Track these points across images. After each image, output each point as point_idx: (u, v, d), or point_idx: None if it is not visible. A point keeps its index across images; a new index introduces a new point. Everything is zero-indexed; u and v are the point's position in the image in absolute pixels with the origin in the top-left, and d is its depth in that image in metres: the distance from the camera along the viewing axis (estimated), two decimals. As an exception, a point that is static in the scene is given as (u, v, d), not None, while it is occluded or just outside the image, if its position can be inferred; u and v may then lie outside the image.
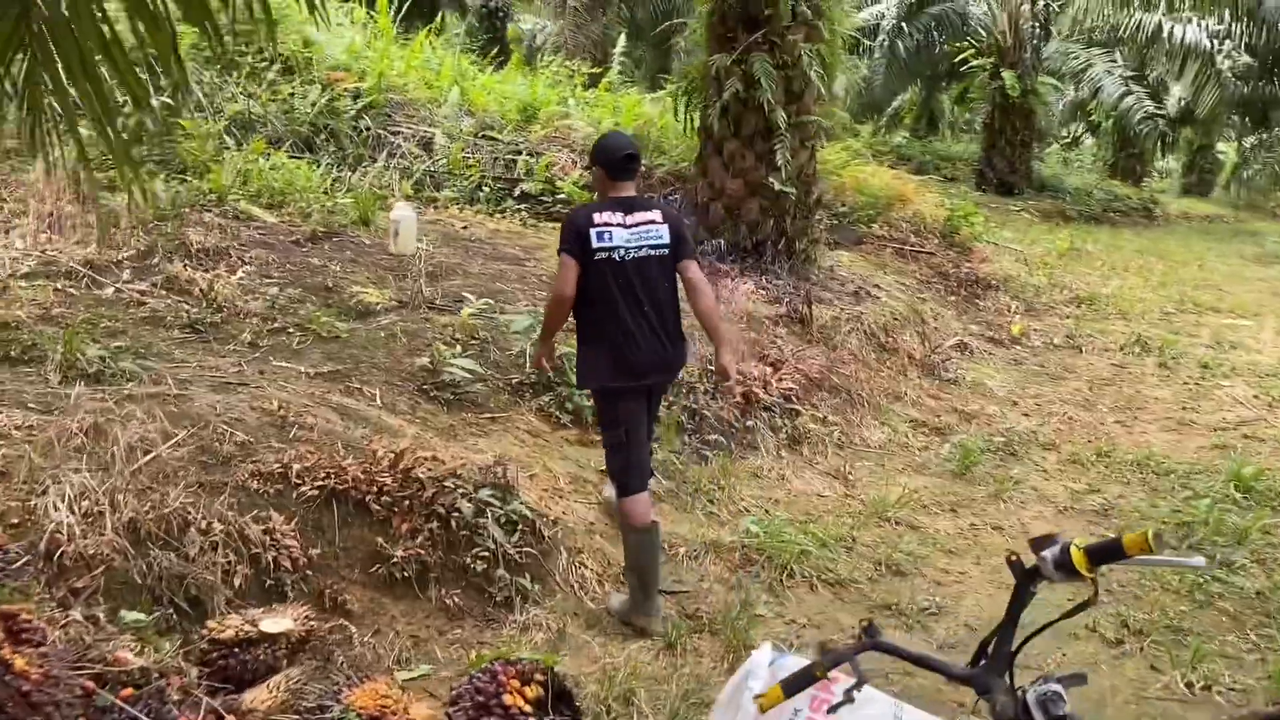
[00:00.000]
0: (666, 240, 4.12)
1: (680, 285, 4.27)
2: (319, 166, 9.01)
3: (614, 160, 4.15)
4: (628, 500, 4.10)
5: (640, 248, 4.06)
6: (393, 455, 4.17)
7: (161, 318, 5.29)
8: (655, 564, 4.09)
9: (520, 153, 10.41)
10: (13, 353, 4.56)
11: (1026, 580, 1.84)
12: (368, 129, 9.91)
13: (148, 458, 3.80)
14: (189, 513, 3.57)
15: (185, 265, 5.98)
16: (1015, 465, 6.13)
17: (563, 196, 9.95)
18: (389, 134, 10.04)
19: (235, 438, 4.09)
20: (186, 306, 5.44)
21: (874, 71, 19.75)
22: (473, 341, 5.61)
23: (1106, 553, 1.74)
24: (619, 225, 4.05)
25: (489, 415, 5.14)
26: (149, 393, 4.35)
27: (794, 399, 6.15)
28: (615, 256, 4.03)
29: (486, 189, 9.78)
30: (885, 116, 27.43)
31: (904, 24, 18.90)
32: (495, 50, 18.36)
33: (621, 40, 16.04)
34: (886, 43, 19.01)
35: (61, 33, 2.53)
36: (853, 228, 10.87)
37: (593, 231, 4.02)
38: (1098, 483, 5.92)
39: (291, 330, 5.43)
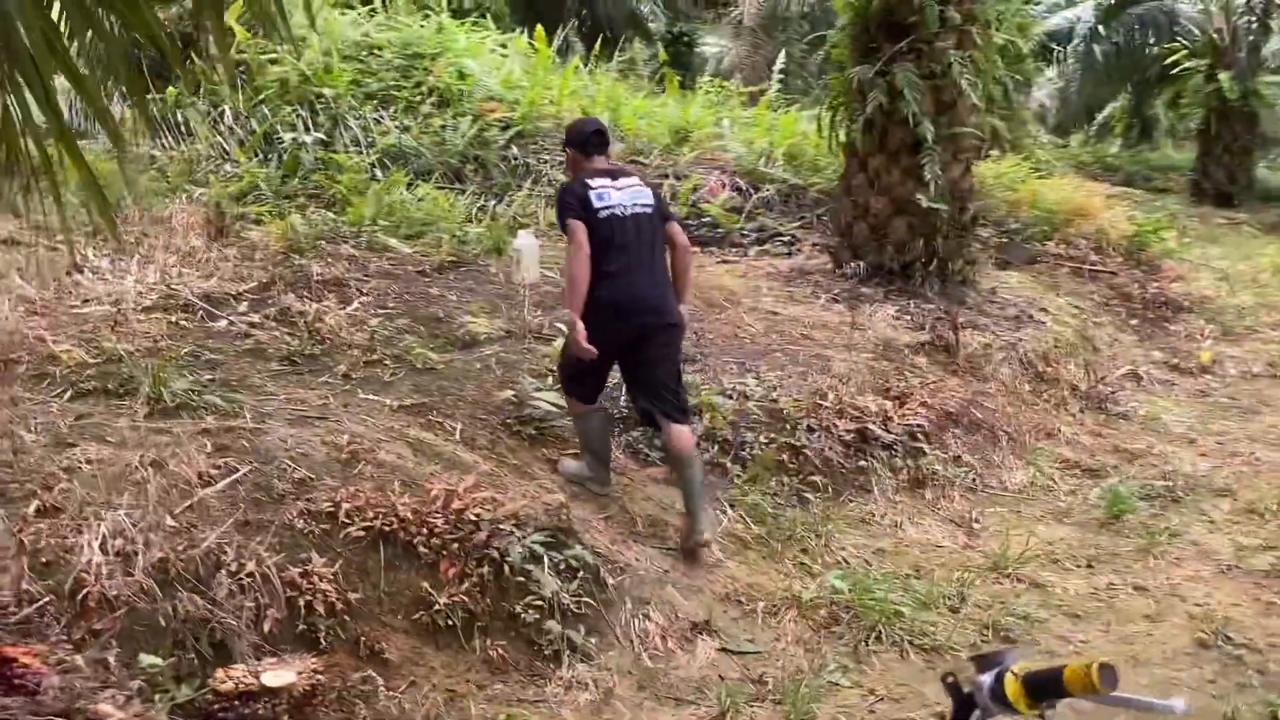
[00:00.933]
0: (651, 201, 4.62)
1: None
2: (465, 196, 9.13)
3: (583, 137, 4.73)
4: (570, 399, 4.73)
5: (634, 205, 4.53)
6: (445, 494, 4.02)
7: (263, 350, 5.37)
8: (607, 443, 4.73)
9: (667, 176, 10.22)
10: (110, 385, 4.69)
11: (964, 710, 1.45)
12: (516, 158, 9.97)
13: (197, 495, 3.79)
14: (224, 553, 3.52)
15: (302, 298, 6.07)
16: (1176, 514, 5.39)
17: (709, 219, 9.71)
18: (537, 162, 10.07)
19: (295, 474, 4.04)
20: (289, 339, 5.50)
21: (1069, 79, 18.50)
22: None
23: (1046, 687, 1.34)
24: (612, 187, 4.53)
25: (573, 451, 4.92)
26: (225, 426, 4.37)
27: (920, 436, 5.64)
28: (617, 213, 4.48)
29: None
30: (1095, 125, 25.77)
31: (1101, 27, 17.60)
32: (659, 76, 18.32)
33: (781, 57, 15.65)
34: (1082, 47, 17.76)
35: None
36: (1025, 246, 10.10)
37: (591, 194, 4.48)
38: (1276, 537, 5.13)
39: (388, 362, 5.40)
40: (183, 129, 9.23)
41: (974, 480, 5.63)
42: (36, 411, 4.36)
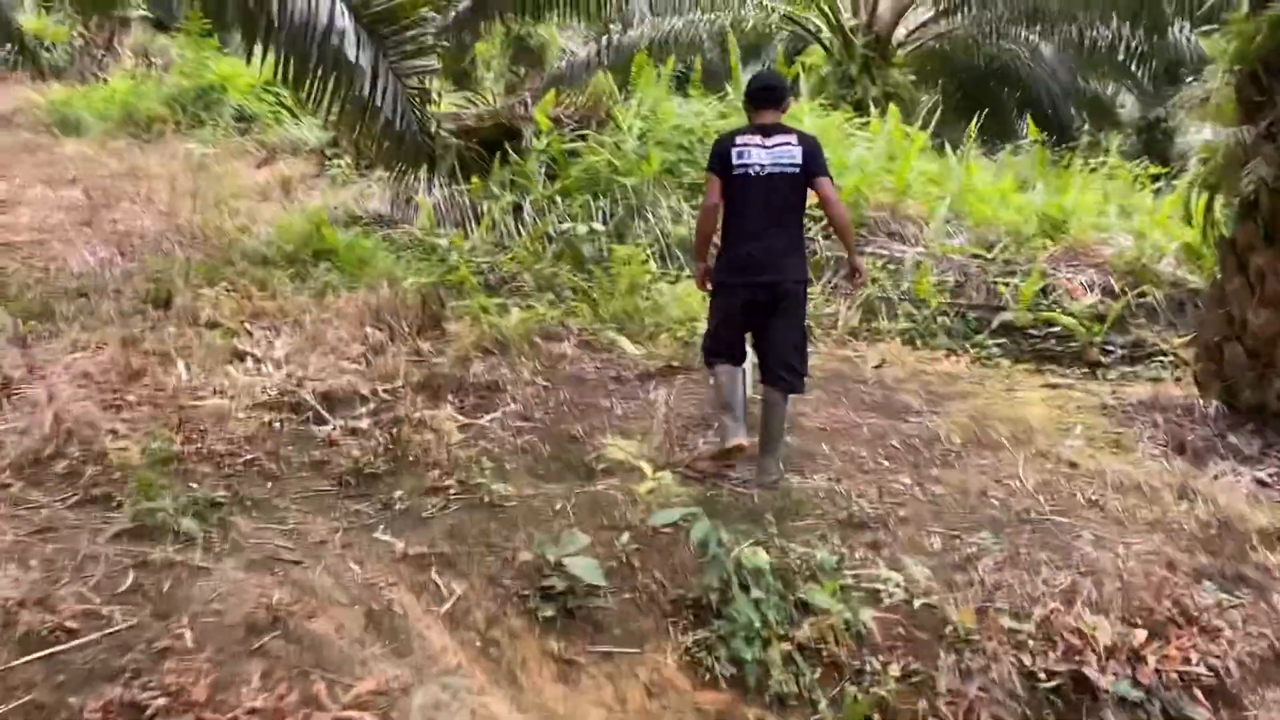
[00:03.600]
0: (799, 160, 4.49)
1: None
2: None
3: (750, 91, 4.74)
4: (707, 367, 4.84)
5: (776, 164, 4.47)
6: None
7: (327, 463, 4.52)
8: (737, 396, 4.63)
9: (1014, 274, 8.19)
10: (116, 494, 4.08)
11: None
12: (822, 249, 8.51)
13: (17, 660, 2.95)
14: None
15: (437, 403, 5.21)
16: None
17: (1057, 329, 7.56)
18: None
19: (160, 643, 3.07)
20: (367, 453, 4.60)
21: None
22: (650, 531, 3.95)
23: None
24: (758, 146, 4.50)
25: (602, 649, 3.46)
26: (170, 560, 3.54)
27: (1196, 692, 3.40)
28: (752, 172, 4.47)
29: (947, 319, 7.76)
30: None
31: None
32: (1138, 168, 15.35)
33: (1205, 132, 12.43)
34: None
35: None
36: None
37: (733, 150, 4.51)
38: None
39: (452, 489, 4.30)
40: (485, 219, 8.96)
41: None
42: (14, 519, 3.83)
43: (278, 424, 4.87)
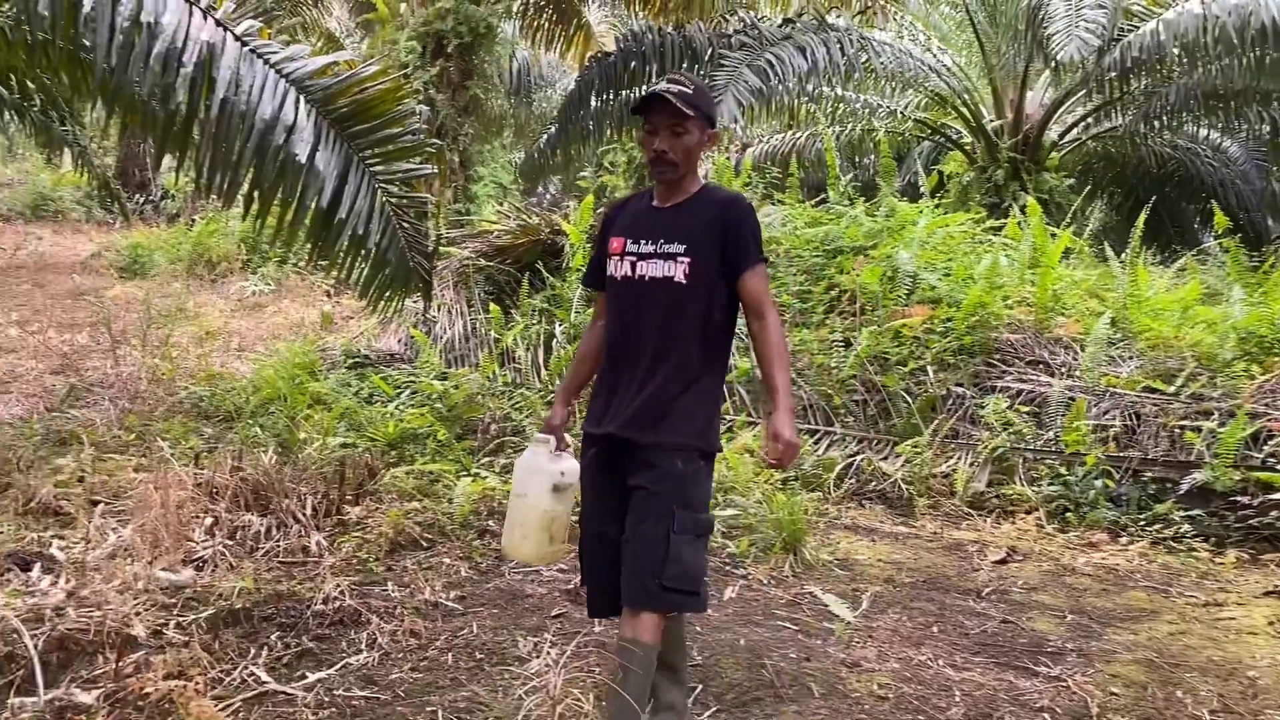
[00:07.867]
0: None
1: None
2: (824, 446, 5.68)
3: None
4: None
5: None
6: None
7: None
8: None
9: (1210, 415, 5.63)
10: None
11: None
12: (938, 386, 6.19)
13: None
14: None
15: (240, 651, 3.21)
16: None
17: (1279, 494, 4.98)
18: (974, 392, 6.18)
19: None
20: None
21: None
22: None
23: None
24: None
25: None
26: None
27: None
28: None
29: (1112, 480, 5.28)
30: None
31: None
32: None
33: None
34: None
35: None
36: None
37: None
38: None
39: None
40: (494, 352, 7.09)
41: None
42: None
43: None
